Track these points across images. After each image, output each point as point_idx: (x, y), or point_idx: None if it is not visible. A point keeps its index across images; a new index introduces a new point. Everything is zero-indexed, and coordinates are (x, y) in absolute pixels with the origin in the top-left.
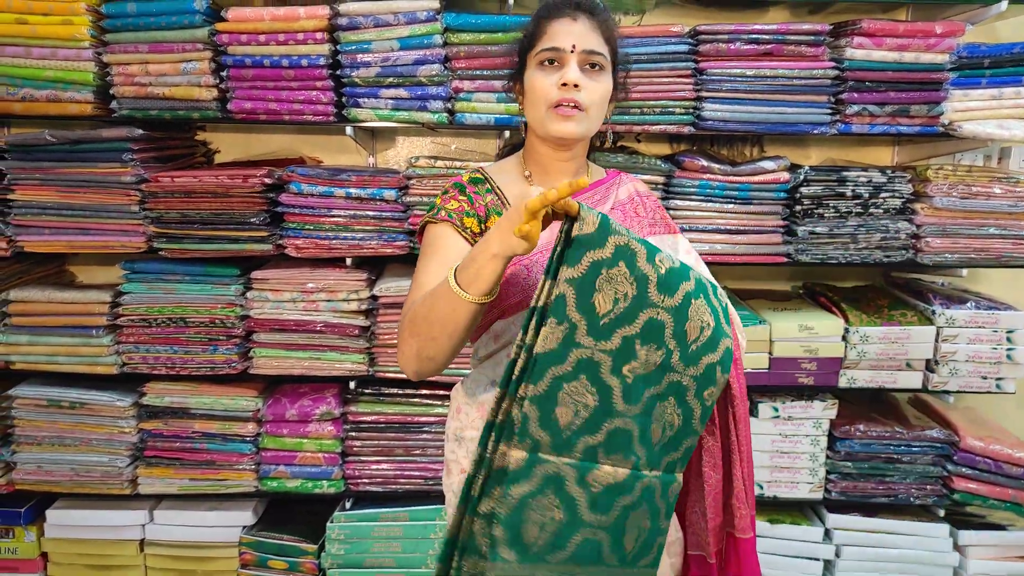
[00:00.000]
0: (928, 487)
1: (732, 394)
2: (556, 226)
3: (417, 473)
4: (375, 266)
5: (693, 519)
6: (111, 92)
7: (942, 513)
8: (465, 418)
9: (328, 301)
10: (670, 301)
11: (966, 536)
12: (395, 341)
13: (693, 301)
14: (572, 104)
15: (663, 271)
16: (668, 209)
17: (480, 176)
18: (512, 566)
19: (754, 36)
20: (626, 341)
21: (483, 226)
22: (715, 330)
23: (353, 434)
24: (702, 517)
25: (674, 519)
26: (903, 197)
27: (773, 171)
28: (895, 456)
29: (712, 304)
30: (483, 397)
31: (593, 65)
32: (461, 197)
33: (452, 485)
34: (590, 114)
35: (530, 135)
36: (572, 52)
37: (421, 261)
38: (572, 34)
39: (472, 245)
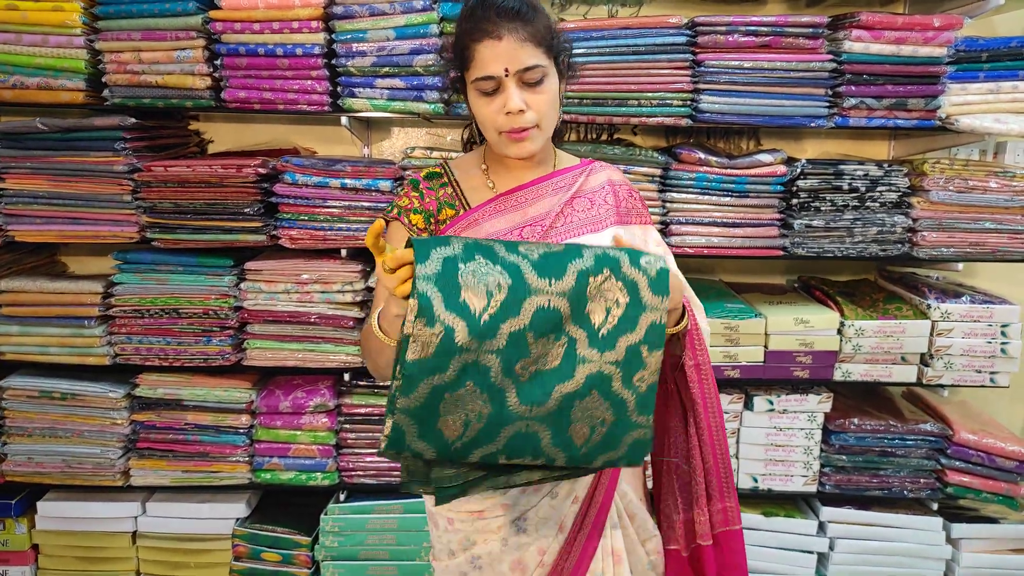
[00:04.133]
0: (921, 480)
1: (691, 397)
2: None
3: None
4: (370, 257)
5: (667, 511)
6: (103, 80)
7: (935, 506)
8: None
9: (322, 292)
10: (560, 284)
11: (959, 529)
12: None
13: (592, 279)
14: (523, 129)
15: (536, 256)
16: (665, 202)
17: (439, 171)
18: (433, 460)
19: (752, 28)
20: (514, 337)
21: (431, 220)
22: (630, 307)
23: (347, 426)
24: (674, 509)
25: (649, 520)
26: (899, 191)
27: (770, 164)
28: (889, 449)
29: (626, 278)
30: None
31: (532, 82)
32: (413, 193)
33: None
34: (543, 126)
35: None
36: (507, 76)
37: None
38: (501, 57)
39: None
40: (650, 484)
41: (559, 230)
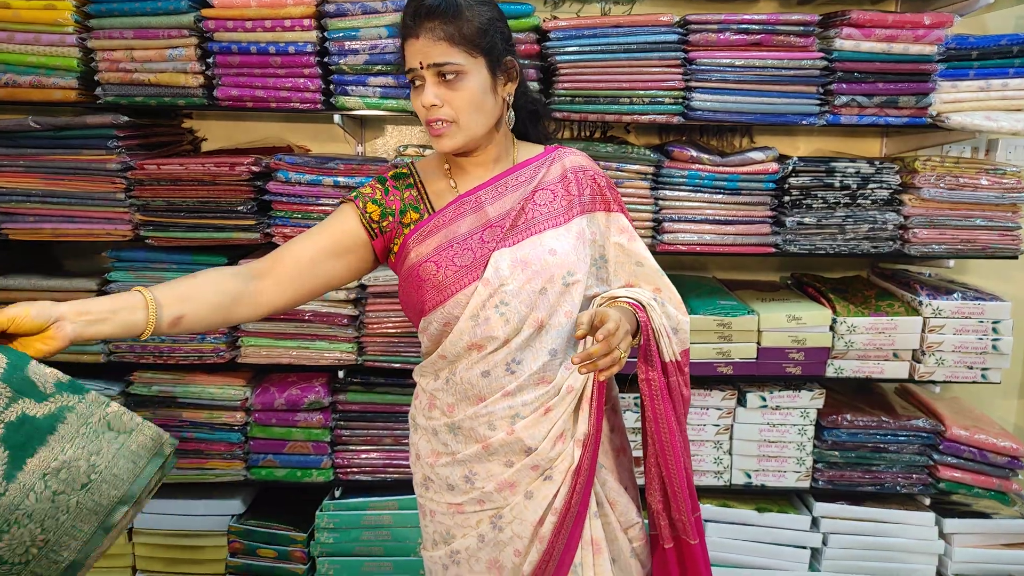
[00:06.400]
0: (914, 476)
1: (644, 408)
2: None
3: (406, 462)
4: None
5: (653, 504)
6: (96, 78)
7: (928, 502)
8: (418, 404)
9: None
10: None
11: (951, 524)
12: (384, 330)
13: None
14: (438, 121)
15: None
16: (657, 200)
17: (406, 171)
18: None
19: (744, 26)
20: None
21: (391, 219)
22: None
23: (342, 423)
24: (655, 501)
25: (631, 505)
26: (891, 188)
27: (762, 161)
28: (882, 445)
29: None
30: (428, 388)
31: (447, 75)
32: (377, 186)
33: (415, 473)
34: (461, 122)
35: None
36: (422, 69)
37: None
38: (416, 53)
39: (367, 230)
40: (641, 481)
41: (520, 229)
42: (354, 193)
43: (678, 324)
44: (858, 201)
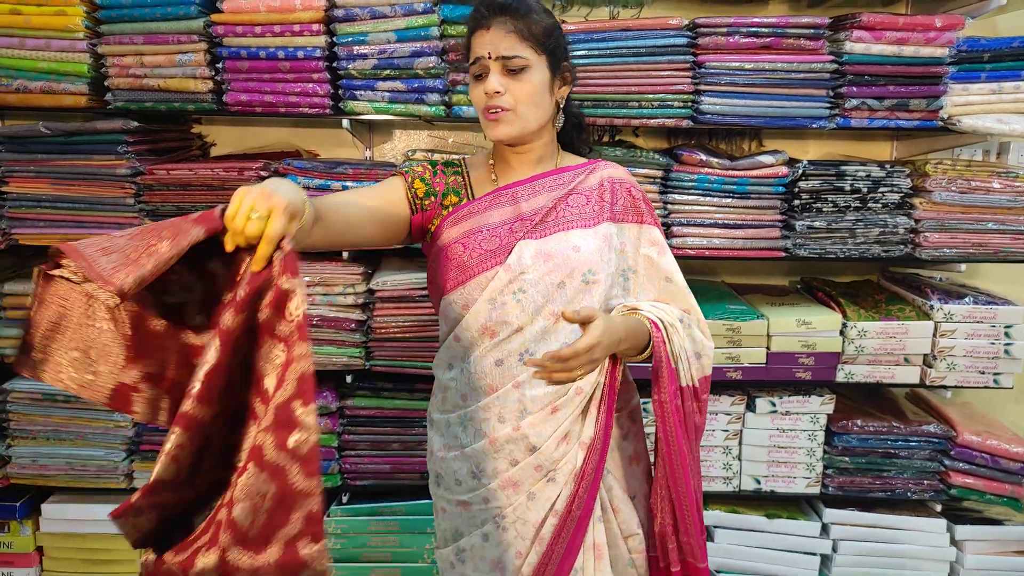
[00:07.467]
0: (925, 482)
1: (658, 434)
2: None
3: (414, 468)
4: (372, 259)
5: (663, 528)
6: (106, 84)
7: (939, 508)
8: (435, 400)
9: (324, 295)
10: None
11: (963, 531)
12: (392, 335)
13: None
14: (497, 109)
15: None
16: (666, 204)
17: (456, 161)
18: None
19: (753, 29)
20: None
21: (433, 198)
22: None
23: (350, 428)
24: (664, 523)
25: (635, 515)
26: (902, 192)
27: (771, 165)
28: (892, 451)
29: None
30: (444, 379)
31: (512, 69)
32: (428, 167)
33: (430, 471)
34: (519, 112)
35: None
36: (490, 59)
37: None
38: (486, 44)
39: (410, 204)
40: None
41: (549, 224)
42: (405, 167)
43: (703, 349)
44: (868, 205)
